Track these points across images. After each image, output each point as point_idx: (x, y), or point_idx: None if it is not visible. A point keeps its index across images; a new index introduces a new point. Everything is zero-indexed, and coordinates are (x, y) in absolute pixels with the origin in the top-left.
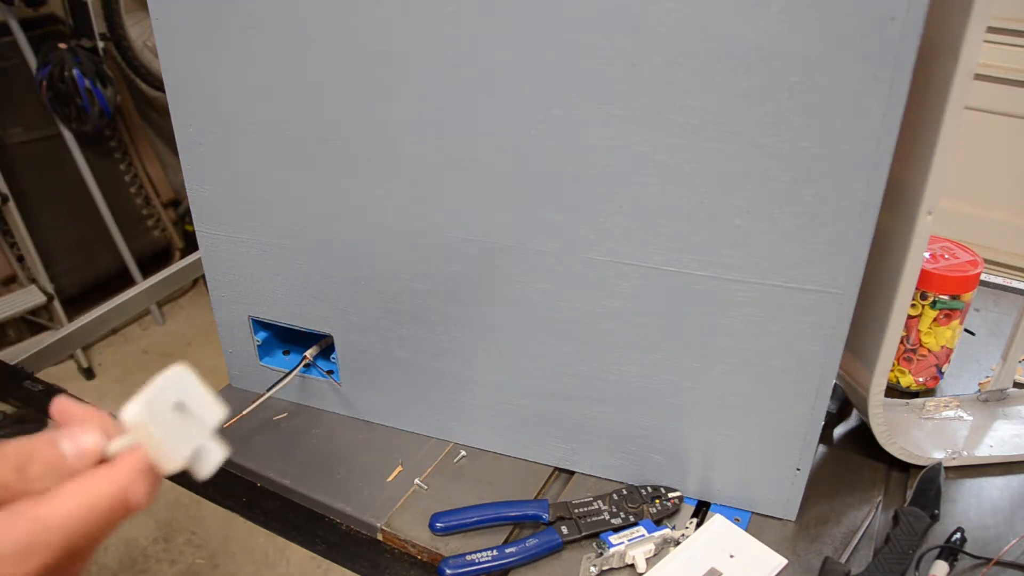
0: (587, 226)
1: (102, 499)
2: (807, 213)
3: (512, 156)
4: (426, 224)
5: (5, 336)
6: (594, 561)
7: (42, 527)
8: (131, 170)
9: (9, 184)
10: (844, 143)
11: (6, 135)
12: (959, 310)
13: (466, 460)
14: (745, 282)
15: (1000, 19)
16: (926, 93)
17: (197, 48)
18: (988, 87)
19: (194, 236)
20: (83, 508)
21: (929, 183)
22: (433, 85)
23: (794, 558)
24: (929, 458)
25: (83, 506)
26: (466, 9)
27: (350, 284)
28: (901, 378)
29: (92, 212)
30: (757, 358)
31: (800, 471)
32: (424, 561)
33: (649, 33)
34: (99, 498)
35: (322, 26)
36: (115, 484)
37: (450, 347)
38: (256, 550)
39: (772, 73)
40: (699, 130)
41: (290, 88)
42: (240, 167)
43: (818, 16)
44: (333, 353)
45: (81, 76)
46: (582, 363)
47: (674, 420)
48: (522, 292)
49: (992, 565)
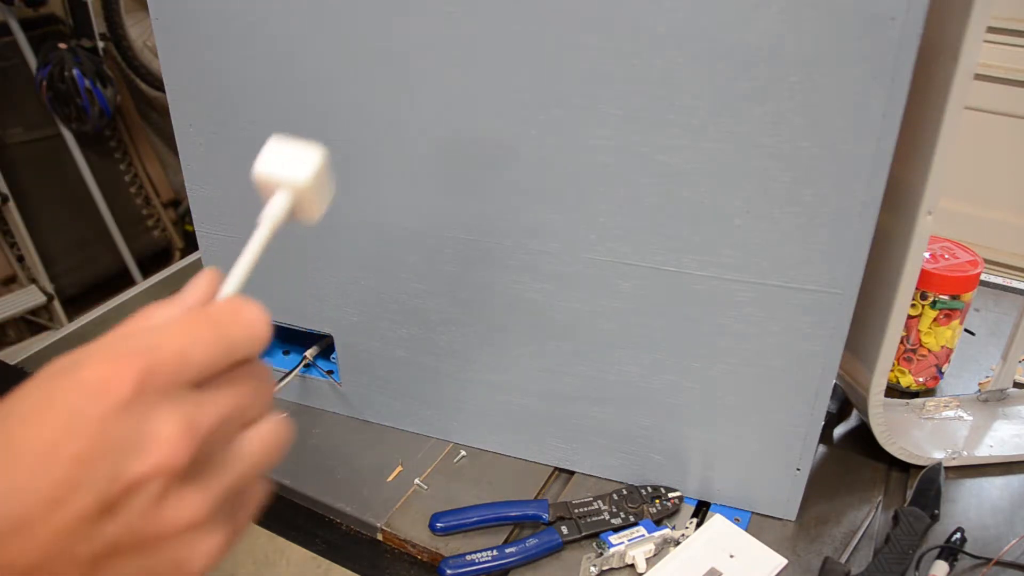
0: (587, 226)
1: (202, 324)
2: (807, 213)
3: (512, 156)
4: (426, 224)
5: (5, 336)
6: (594, 561)
7: (153, 335)
8: (131, 170)
9: (9, 184)
10: (844, 143)
11: (6, 135)
12: (959, 310)
13: (466, 460)
14: (745, 282)
15: (1000, 19)
16: (926, 93)
17: (197, 48)
18: (988, 87)
19: (194, 236)
20: (187, 330)
21: (929, 183)
22: (433, 85)
23: (794, 558)
24: (929, 458)
25: (188, 328)
26: (466, 9)
27: (350, 284)
28: (901, 378)
29: (92, 212)
30: (757, 358)
31: (800, 471)
32: (424, 561)
33: (649, 33)
34: (202, 323)
35: (322, 26)
36: (221, 311)
37: (450, 347)
38: (256, 550)
39: (772, 73)
40: (699, 130)
41: (290, 88)
42: (240, 167)
43: (818, 16)
44: (333, 353)
45: (81, 76)
46: (582, 363)
47: (674, 420)
48: (522, 292)
49: (992, 565)
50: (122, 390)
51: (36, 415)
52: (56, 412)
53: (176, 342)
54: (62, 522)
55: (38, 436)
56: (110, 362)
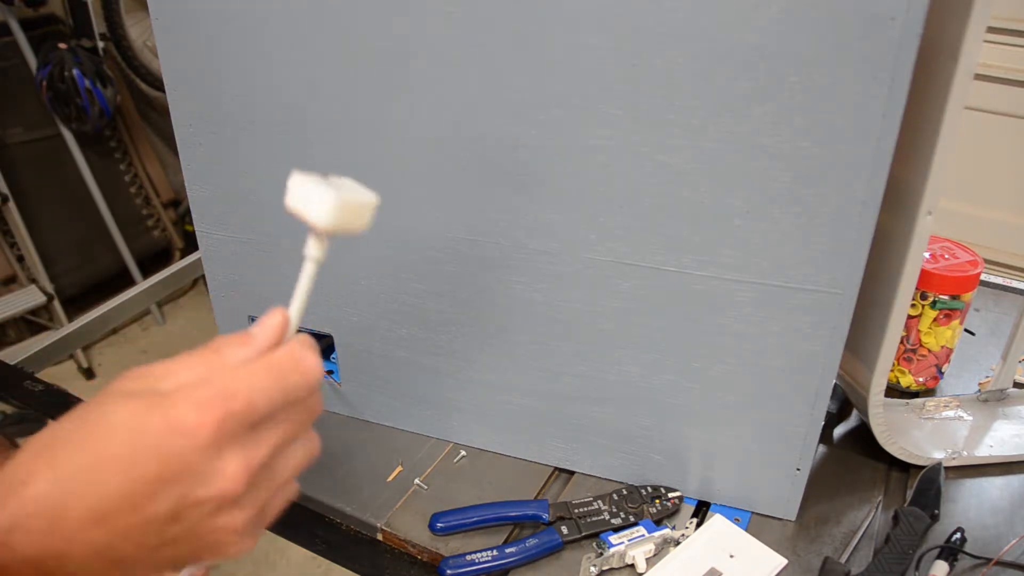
0: (587, 226)
1: (284, 366)
2: (807, 213)
3: (512, 156)
4: (426, 224)
5: (5, 336)
6: (594, 561)
7: (235, 381)
8: (131, 170)
9: (9, 184)
10: (844, 143)
11: (6, 135)
12: (959, 310)
13: (466, 460)
14: (745, 282)
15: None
16: (926, 93)
17: (197, 48)
18: (988, 87)
19: (194, 236)
20: (266, 373)
21: (929, 183)
22: (433, 85)
23: (794, 558)
24: (929, 458)
25: (267, 371)
26: (466, 9)
27: (350, 284)
28: (901, 378)
29: (92, 212)
30: (757, 358)
31: (800, 471)
32: (424, 561)
33: (649, 33)
34: (281, 365)
35: (322, 26)
36: (292, 356)
37: (450, 347)
38: (256, 550)
39: (772, 73)
40: (699, 130)
41: (290, 88)
42: (240, 167)
43: (818, 16)
44: (333, 353)
45: (81, 76)
46: (582, 363)
47: (674, 420)
48: (522, 292)
49: (992, 565)
50: (203, 435)
51: (128, 436)
52: (146, 440)
53: (246, 393)
54: (136, 522)
55: (129, 455)
56: (197, 410)
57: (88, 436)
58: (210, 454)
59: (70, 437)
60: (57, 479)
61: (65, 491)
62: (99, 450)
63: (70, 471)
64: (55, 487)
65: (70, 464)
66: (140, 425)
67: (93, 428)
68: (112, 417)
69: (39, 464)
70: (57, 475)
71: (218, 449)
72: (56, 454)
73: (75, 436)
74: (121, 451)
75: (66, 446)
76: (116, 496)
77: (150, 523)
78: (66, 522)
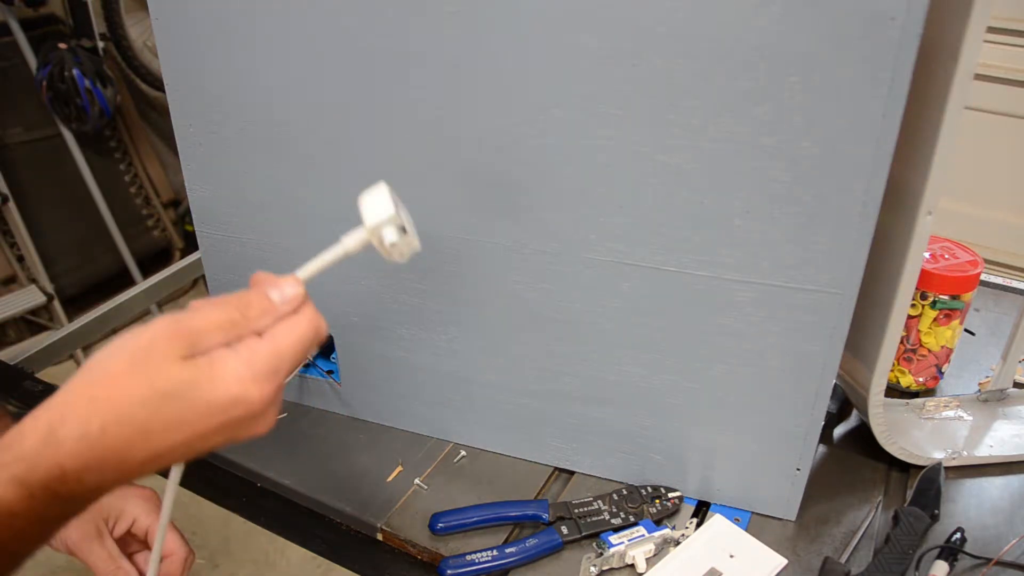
0: (587, 226)
1: (307, 332)
2: (807, 213)
3: (512, 156)
4: (426, 224)
5: (5, 336)
6: (594, 561)
7: (278, 356)
8: (131, 170)
9: (9, 184)
10: (844, 143)
11: (6, 135)
12: (959, 310)
13: (466, 460)
14: (745, 282)
15: (1000, 19)
16: (926, 93)
17: (197, 48)
18: (988, 87)
19: (194, 236)
20: (297, 340)
21: (929, 183)
22: (433, 85)
23: (794, 558)
24: (929, 458)
25: (297, 338)
26: (466, 9)
27: (350, 284)
28: (901, 378)
29: (92, 212)
30: (757, 358)
31: (800, 471)
32: (424, 561)
33: (649, 33)
34: (305, 331)
35: (322, 26)
36: (312, 322)
37: (450, 347)
38: (256, 550)
39: (772, 73)
40: (699, 130)
41: (290, 88)
42: (240, 167)
43: (818, 16)
44: (333, 353)
45: (81, 76)
46: (582, 363)
47: (674, 420)
48: (522, 292)
49: (992, 565)
50: (259, 404)
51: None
52: (212, 409)
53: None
54: (199, 445)
55: (193, 420)
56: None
57: (154, 397)
58: (260, 412)
59: (132, 392)
60: (125, 435)
61: (132, 442)
62: (166, 412)
63: (139, 427)
64: (122, 439)
65: (141, 420)
66: (205, 395)
67: (157, 389)
68: (178, 384)
69: (108, 415)
70: (126, 431)
71: (266, 407)
72: (122, 407)
73: (138, 392)
74: (186, 415)
75: (130, 401)
76: (177, 443)
77: (201, 452)
78: (129, 463)
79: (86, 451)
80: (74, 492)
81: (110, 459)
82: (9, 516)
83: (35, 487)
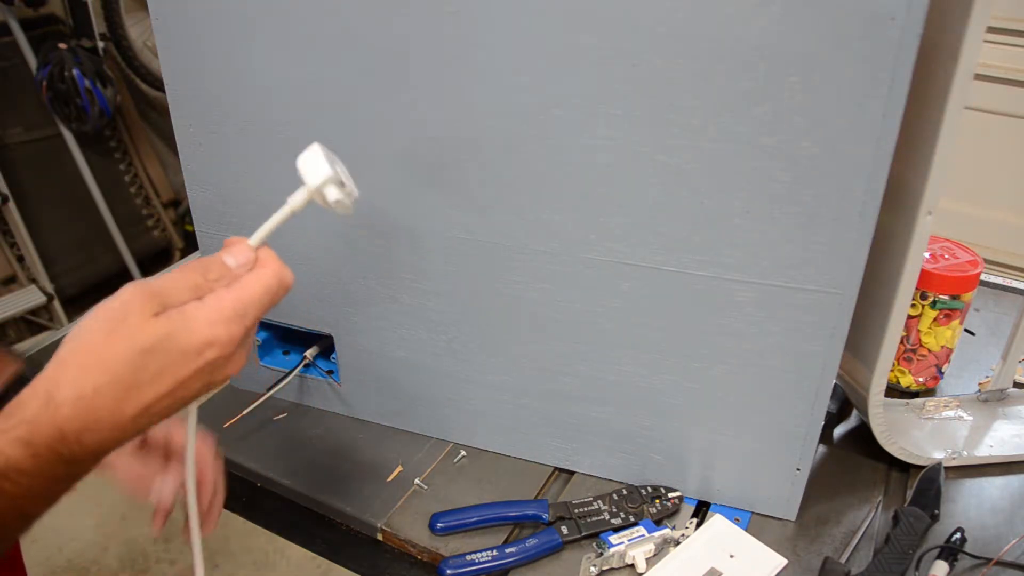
0: (587, 226)
1: (271, 281)
2: (807, 213)
3: (512, 156)
4: (426, 224)
5: (5, 336)
6: (594, 561)
7: (243, 301)
8: (131, 170)
9: (9, 184)
10: (844, 143)
11: (6, 135)
12: (959, 310)
13: (466, 460)
14: (745, 282)
15: (1000, 19)
16: (926, 93)
17: (197, 48)
18: (988, 87)
19: (194, 236)
20: (262, 288)
21: (929, 183)
22: (433, 85)
23: (794, 558)
24: (929, 458)
25: (262, 287)
26: (467, 9)
27: (350, 284)
28: (901, 378)
29: (92, 212)
30: (757, 358)
31: (800, 471)
32: (424, 561)
33: (649, 33)
34: (269, 281)
35: (322, 26)
36: (277, 273)
37: (450, 347)
38: (256, 550)
39: (772, 73)
40: (699, 130)
41: (290, 88)
42: (240, 167)
43: (818, 16)
44: (333, 353)
45: (81, 76)
46: (582, 363)
47: (674, 420)
48: (522, 292)
49: (992, 565)
50: (230, 345)
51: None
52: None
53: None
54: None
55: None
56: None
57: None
58: (231, 352)
59: (116, 352)
60: (116, 393)
61: (123, 398)
62: (149, 366)
63: (127, 384)
64: (114, 397)
65: (128, 377)
66: (181, 343)
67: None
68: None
69: (99, 377)
70: (116, 389)
71: (236, 347)
72: (109, 367)
73: (121, 352)
74: (166, 366)
75: (115, 360)
76: (163, 393)
77: (185, 400)
78: (123, 417)
79: (83, 412)
80: (75, 453)
81: (105, 418)
82: (18, 473)
83: (40, 447)
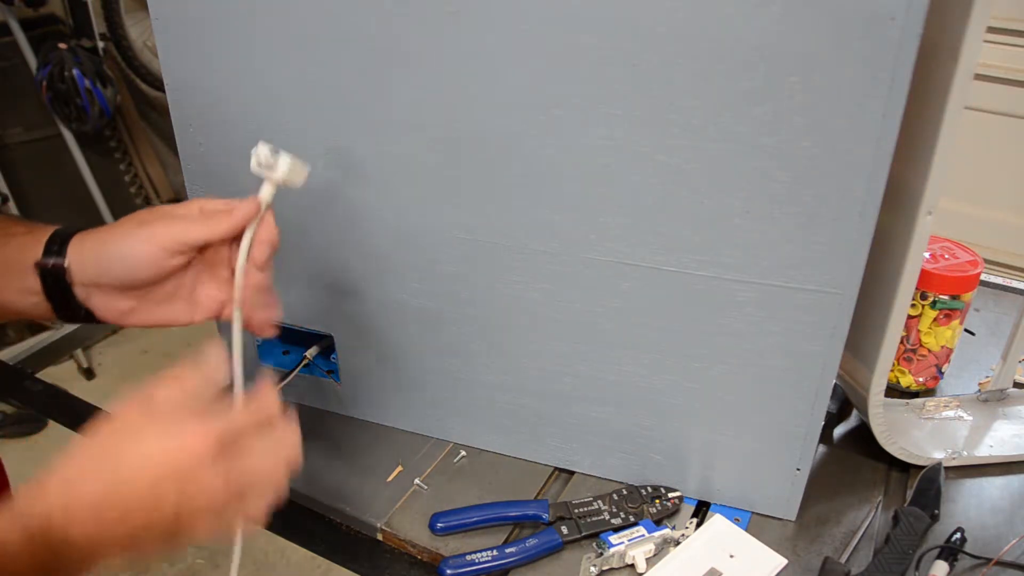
0: (587, 226)
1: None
2: (807, 213)
3: (512, 156)
4: (426, 224)
5: (5, 336)
6: (594, 561)
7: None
8: (131, 170)
9: (9, 184)
10: (844, 143)
11: (6, 135)
12: (959, 310)
13: (466, 460)
14: (745, 282)
15: (1000, 19)
16: (926, 93)
17: (197, 48)
18: (988, 87)
19: None
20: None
21: (929, 183)
22: (433, 85)
23: (794, 558)
24: (929, 458)
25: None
26: (467, 9)
27: (351, 284)
28: (901, 378)
29: (92, 212)
30: (757, 358)
31: (800, 471)
32: (424, 561)
33: (649, 33)
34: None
35: (322, 26)
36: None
37: (450, 347)
38: (255, 550)
39: (772, 73)
40: (699, 130)
41: (290, 89)
42: (240, 167)
43: (818, 16)
44: (333, 353)
45: (81, 76)
46: (582, 363)
47: (674, 420)
48: (522, 292)
49: (992, 565)
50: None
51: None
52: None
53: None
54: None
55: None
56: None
57: (124, 453)
58: (207, 465)
59: (108, 453)
60: (103, 490)
61: (107, 495)
62: (134, 467)
63: (112, 481)
64: (100, 494)
65: (112, 476)
66: (163, 450)
67: (128, 447)
68: (140, 444)
69: (87, 473)
70: (104, 486)
71: (213, 462)
72: (101, 465)
73: (113, 451)
74: (147, 469)
75: (107, 460)
76: (143, 497)
77: (161, 519)
78: (105, 519)
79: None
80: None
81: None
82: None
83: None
